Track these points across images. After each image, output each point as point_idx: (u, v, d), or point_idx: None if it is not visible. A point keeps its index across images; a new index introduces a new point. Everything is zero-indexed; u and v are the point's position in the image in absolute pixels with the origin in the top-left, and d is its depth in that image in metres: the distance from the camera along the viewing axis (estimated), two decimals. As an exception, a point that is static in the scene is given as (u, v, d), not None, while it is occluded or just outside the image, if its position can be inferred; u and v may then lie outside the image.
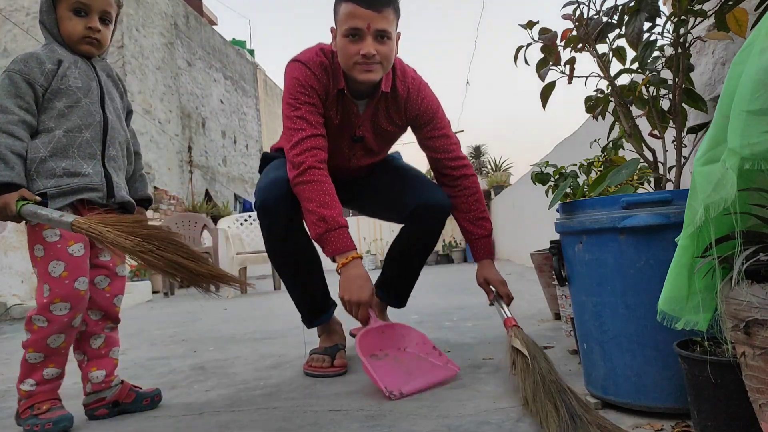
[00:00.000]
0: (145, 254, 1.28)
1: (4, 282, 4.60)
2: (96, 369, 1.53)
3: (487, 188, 8.55)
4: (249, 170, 13.28)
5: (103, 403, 1.52)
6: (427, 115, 1.88)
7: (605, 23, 1.36)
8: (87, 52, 1.52)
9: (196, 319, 3.66)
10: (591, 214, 1.19)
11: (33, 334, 1.41)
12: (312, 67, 1.74)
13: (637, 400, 1.15)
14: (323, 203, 1.65)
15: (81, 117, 1.47)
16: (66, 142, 1.44)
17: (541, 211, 4.58)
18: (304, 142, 1.69)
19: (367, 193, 2.09)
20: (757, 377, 0.72)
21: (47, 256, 1.41)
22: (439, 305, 3.28)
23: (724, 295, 0.75)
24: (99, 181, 1.48)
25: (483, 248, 1.90)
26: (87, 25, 1.49)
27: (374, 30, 1.64)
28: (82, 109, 1.48)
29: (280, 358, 2.11)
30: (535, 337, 2.10)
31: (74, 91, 1.47)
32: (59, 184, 1.42)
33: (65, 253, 1.42)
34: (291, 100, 1.74)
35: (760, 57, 0.69)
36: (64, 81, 1.46)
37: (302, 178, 1.67)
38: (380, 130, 1.90)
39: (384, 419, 1.28)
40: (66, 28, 1.49)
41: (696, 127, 1.40)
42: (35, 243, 1.43)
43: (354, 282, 1.63)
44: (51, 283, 1.40)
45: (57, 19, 1.49)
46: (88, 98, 1.49)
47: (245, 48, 14.77)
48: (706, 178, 0.76)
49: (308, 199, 1.66)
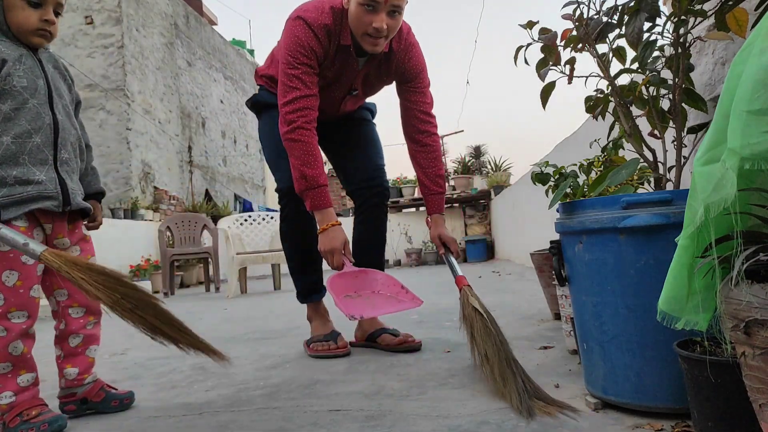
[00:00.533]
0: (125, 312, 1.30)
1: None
2: (70, 366, 1.53)
3: (487, 188, 8.55)
4: (249, 170, 13.28)
5: (73, 399, 1.52)
6: (412, 73, 2.04)
7: (605, 23, 1.36)
8: (38, 44, 1.44)
9: (196, 319, 3.66)
10: (591, 214, 1.19)
11: None
12: (316, 29, 1.83)
13: (637, 400, 1.15)
14: (306, 162, 1.83)
15: (29, 121, 1.39)
16: (15, 149, 1.36)
17: (541, 211, 4.58)
18: (298, 101, 1.83)
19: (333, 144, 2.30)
20: (757, 377, 0.72)
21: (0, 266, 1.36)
22: (439, 305, 3.28)
23: (724, 295, 0.75)
24: (53, 188, 1.42)
25: (437, 203, 2.11)
26: (43, 17, 1.40)
27: (390, 5, 1.75)
28: (30, 111, 1.39)
29: (280, 358, 2.11)
30: (535, 337, 2.10)
31: (20, 91, 1.38)
32: (11, 193, 1.36)
33: (18, 263, 1.37)
34: (290, 58, 1.83)
35: (760, 57, 0.69)
36: (8, 81, 1.37)
37: (291, 135, 1.84)
38: (371, 82, 2.08)
39: (384, 419, 1.28)
40: (16, 18, 1.38)
41: (696, 127, 1.40)
42: None
43: (328, 236, 1.85)
44: (6, 292, 1.35)
45: (3, 6, 1.38)
46: (36, 99, 1.41)
47: (245, 48, 14.78)
48: (706, 178, 0.76)
49: (295, 156, 1.85)
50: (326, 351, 2.03)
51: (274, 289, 5.64)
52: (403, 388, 1.54)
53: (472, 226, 9.04)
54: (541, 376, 1.51)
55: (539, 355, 1.80)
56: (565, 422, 1.16)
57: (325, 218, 1.87)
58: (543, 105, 1.52)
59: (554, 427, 1.14)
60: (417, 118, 2.07)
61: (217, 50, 12.27)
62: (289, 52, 1.83)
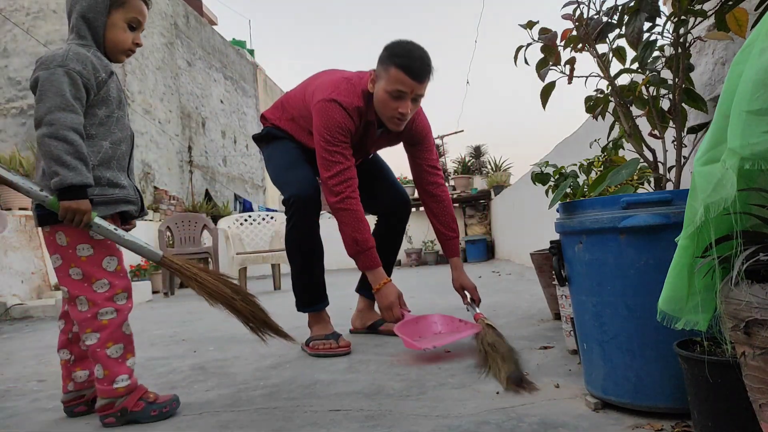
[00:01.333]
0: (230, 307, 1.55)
1: (5, 282, 4.60)
2: (80, 369, 1.56)
3: (487, 188, 8.54)
4: (249, 170, 13.27)
5: (82, 400, 1.55)
6: (420, 136, 2.32)
7: (605, 23, 1.36)
8: (121, 61, 1.56)
9: (196, 319, 3.66)
10: (591, 214, 1.19)
11: (106, 328, 1.43)
12: (351, 113, 2.06)
13: (637, 400, 1.15)
14: (356, 229, 2.03)
15: (120, 129, 1.51)
16: (111, 153, 1.48)
17: (541, 211, 4.58)
18: (342, 174, 2.04)
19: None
20: (757, 377, 0.72)
21: (98, 253, 1.45)
22: (439, 305, 3.28)
23: (724, 295, 0.75)
24: (134, 194, 1.54)
25: (453, 247, 2.37)
26: (135, 40, 1.53)
27: (414, 94, 2.01)
28: (119, 121, 1.52)
29: (280, 358, 2.11)
30: (535, 336, 2.10)
31: (112, 101, 1.49)
32: (104, 193, 1.45)
33: (115, 248, 1.49)
34: (329, 137, 2.04)
35: (760, 57, 0.69)
36: (106, 91, 1.47)
37: (341, 205, 2.03)
38: (382, 145, 2.39)
39: (384, 419, 1.28)
40: (115, 37, 1.50)
41: (696, 127, 1.40)
42: (79, 243, 1.43)
43: (384, 294, 2.04)
44: (110, 277, 1.46)
45: (106, 24, 1.48)
46: (121, 110, 1.53)
47: (245, 48, 14.76)
48: (706, 178, 0.76)
49: (345, 223, 2.04)
50: (327, 350, 2.08)
51: (274, 289, 5.64)
52: (403, 388, 1.54)
53: (472, 226, 9.04)
54: (541, 376, 1.51)
55: (539, 355, 1.80)
56: (565, 422, 1.16)
57: (377, 278, 2.06)
58: (543, 105, 1.52)
59: (554, 427, 1.14)
60: (426, 171, 2.35)
61: (217, 50, 12.26)
62: (328, 131, 2.03)
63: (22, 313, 4.39)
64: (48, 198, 1.36)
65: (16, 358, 2.58)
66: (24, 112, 8.39)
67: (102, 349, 1.42)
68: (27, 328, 3.77)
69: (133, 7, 1.50)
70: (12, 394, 1.84)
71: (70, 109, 1.37)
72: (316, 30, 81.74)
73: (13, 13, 8.52)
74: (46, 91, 1.36)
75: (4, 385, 1.99)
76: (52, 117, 1.34)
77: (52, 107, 1.35)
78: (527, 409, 1.27)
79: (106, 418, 1.43)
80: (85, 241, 1.43)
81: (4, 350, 2.86)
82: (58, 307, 4.36)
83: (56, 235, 1.43)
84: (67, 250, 1.43)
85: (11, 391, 1.88)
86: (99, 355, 1.42)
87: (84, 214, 1.35)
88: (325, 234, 2.41)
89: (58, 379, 2.01)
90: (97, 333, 1.42)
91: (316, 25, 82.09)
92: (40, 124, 1.35)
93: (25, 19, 8.53)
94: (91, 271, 1.43)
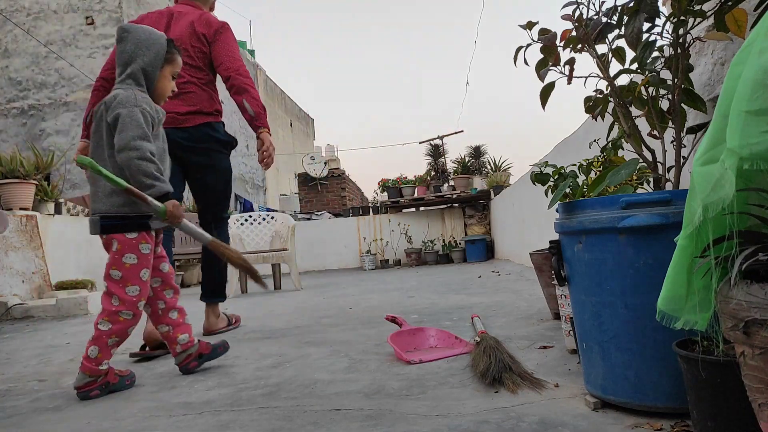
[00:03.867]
0: (247, 266, 1.99)
1: (5, 282, 4.60)
2: (181, 333, 1.93)
3: (487, 188, 8.54)
4: (249, 170, 13.27)
5: (192, 357, 1.94)
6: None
7: (605, 24, 1.36)
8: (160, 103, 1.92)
9: (197, 319, 3.65)
10: (590, 214, 1.19)
11: (118, 324, 1.75)
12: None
13: (637, 399, 1.15)
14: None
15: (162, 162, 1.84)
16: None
17: (540, 211, 4.59)
18: None
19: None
20: (756, 377, 0.72)
21: (140, 264, 1.78)
22: (439, 305, 3.28)
23: (724, 295, 0.75)
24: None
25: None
26: (173, 87, 1.95)
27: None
28: (164, 153, 1.88)
29: (280, 357, 2.11)
30: (535, 336, 2.10)
31: (159, 136, 1.86)
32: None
33: (150, 263, 1.83)
34: None
35: (760, 57, 0.70)
36: (157, 129, 1.85)
37: None
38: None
39: (384, 419, 1.28)
40: (162, 86, 1.90)
41: (695, 127, 1.40)
42: (128, 252, 1.77)
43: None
44: (141, 285, 1.79)
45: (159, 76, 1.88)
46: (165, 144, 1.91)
47: (246, 48, 14.76)
48: (705, 178, 0.76)
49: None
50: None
51: (275, 289, 5.64)
52: (402, 387, 1.54)
53: (471, 226, 9.04)
54: (541, 376, 1.51)
55: (539, 354, 1.81)
56: (564, 422, 1.16)
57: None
58: (542, 105, 1.52)
59: (554, 426, 1.14)
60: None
61: (217, 50, 12.24)
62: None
63: (23, 313, 4.39)
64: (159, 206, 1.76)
65: (17, 357, 2.58)
66: (25, 113, 8.39)
67: (106, 337, 1.73)
68: (28, 328, 3.78)
69: (177, 63, 1.94)
70: (13, 394, 1.84)
71: (148, 139, 1.74)
72: (317, 30, 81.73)
73: (14, 13, 8.52)
74: (128, 124, 1.71)
75: (5, 385, 1.99)
76: (137, 143, 1.71)
77: (135, 136, 1.71)
78: (527, 408, 1.27)
79: (91, 392, 1.69)
80: (134, 252, 1.77)
81: (4, 350, 2.86)
82: (58, 307, 4.36)
83: (113, 242, 1.77)
84: (116, 255, 1.76)
85: (12, 391, 1.88)
86: (101, 341, 1.72)
87: (180, 209, 1.79)
88: (326, 234, 2.42)
89: (59, 378, 2.01)
90: (111, 325, 1.73)
91: (317, 25, 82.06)
92: (126, 149, 1.70)
93: (26, 20, 8.53)
94: (128, 276, 1.76)
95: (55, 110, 8.37)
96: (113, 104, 1.74)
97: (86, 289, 5.02)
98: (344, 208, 11.09)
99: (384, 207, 9.37)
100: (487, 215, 9.01)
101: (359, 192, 15.54)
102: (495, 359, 1.56)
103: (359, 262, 9.00)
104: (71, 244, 5.54)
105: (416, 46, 70.32)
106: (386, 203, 9.17)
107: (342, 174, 13.38)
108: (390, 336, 2.03)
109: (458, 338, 2.06)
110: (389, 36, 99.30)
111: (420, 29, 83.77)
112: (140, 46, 1.84)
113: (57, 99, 8.38)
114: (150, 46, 1.85)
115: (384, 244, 9.04)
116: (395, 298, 3.93)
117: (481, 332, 1.96)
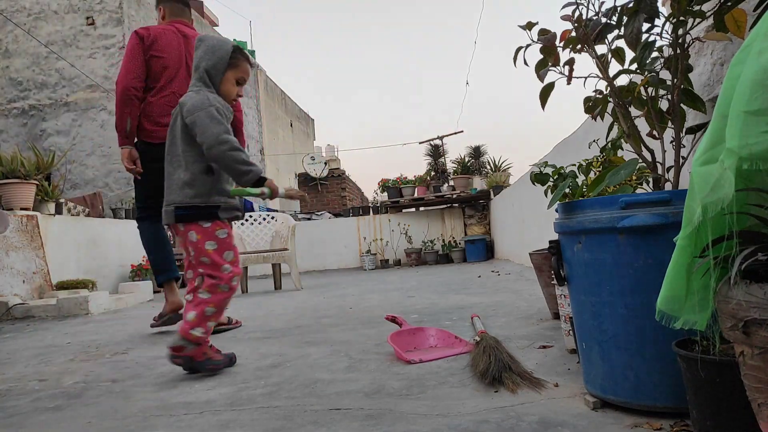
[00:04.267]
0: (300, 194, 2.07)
1: (6, 282, 4.60)
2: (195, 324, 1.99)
3: (487, 188, 8.54)
4: (249, 170, 13.28)
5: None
6: None
7: (604, 24, 1.36)
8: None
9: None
10: (590, 214, 1.19)
11: (218, 295, 1.91)
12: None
13: (636, 399, 1.15)
14: None
15: None
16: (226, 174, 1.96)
17: (540, 211, 4.59)
18: None
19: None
20: (755, 376, 0.73)
21: (221, 247, 1.93)
22: (438, 305, 3.29)
23: (723, 295, 0.75)
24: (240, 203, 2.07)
25: None
26: (239, 92, 2.05)
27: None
28: None
29: (280, 357, 2.12)
30: (535, 336, 2.11)
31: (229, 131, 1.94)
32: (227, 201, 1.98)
33: (231, 244, 1.98)
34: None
35: (759, 58, 0.70)
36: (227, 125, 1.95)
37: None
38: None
39: (384, 419, 1.28)
40: (227, 89, 2.00)
41: (695, 127, 1.40)
42: (208, 239, 1.92)
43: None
44: (230, 263, 1.95)
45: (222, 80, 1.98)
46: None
47: (246, 49, 14.78)
48: (704, 178, 0.76)
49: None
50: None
51: (275, 289, 5.64)
52: (402, 387, 1.54)
53: (471, 226, 9.04)
54: (541, 376, 1.52)
55: (538, 354, 1.81)
56: (564, 421, 1.17)
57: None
58: (542, 105, 1.52)
59: (553, 425, 1.14)
60: None
61: (217, 50, 12.24)
62: None
63: (24, 313, 4.40)
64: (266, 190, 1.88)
65: (18, 357, 2.59)
66: (25, 113, 8.40)
67: (205, 305, 1.88)
68: (28, 328, 3.78)
69: (242, 69, 2.02)
70: (13, 394, 1.84)
71: (230, 133, 1.88)
72: (317, 30, 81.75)
73: (15, 13, 8.53)
74: (209, 123, 1.85)
75: (6, 385, 1.99)
76: (224, 137, 1.84)
77: (220, 131, 1.85)
78: (526, 408, 1.27)
79: (175, 358, 1.86)
80: (212, 239, 1.92)
81: (5, 350, 2.87)
82: (59, 307, 4.36)
83: (189, 233, 1.92)
84: (198, 244, 1.91)
85: (12, 391, 1.88)
86: (200, 308, 1.87)
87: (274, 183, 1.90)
88: (326, 234, 2.43)
89: (60, 378, 2.02)
90: (210, 294, 1.90)
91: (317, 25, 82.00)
92: (217, 144, 1.83)
93: (27, 20, 8.53)
94: (216, 259, 1.92)
95: (55, 110, 8.38)
96: (188, 107, 1.90)
97: (87, 288, 5.02)
98: (344, 208, 11.09)
99: (384, 207, 9.37)
100: (486, 215, 9.02)
101: (359, 192, 15.55)
102: (495, 359, 1.56)
103: (359, 262, 9.01)
104: (72, 244, 5.55)
105: (416, 46, 70.41)
106: (386, 203, 9.17)
107: (342, 174, 13.39)
108: (390, 336, 2.04)
109: (458, 338, 2.06)
110: (389, 36, 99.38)
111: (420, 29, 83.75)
112: (207, 51, 1.98)
113: (58, 99, 8.38)
114: (215, 51, 1.98)
115: (384, 244, 9.05)
116: (395, 298, 3.94)
117: (481, 332, 1.95)
